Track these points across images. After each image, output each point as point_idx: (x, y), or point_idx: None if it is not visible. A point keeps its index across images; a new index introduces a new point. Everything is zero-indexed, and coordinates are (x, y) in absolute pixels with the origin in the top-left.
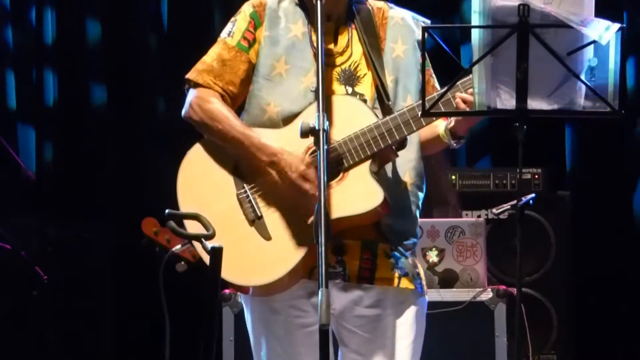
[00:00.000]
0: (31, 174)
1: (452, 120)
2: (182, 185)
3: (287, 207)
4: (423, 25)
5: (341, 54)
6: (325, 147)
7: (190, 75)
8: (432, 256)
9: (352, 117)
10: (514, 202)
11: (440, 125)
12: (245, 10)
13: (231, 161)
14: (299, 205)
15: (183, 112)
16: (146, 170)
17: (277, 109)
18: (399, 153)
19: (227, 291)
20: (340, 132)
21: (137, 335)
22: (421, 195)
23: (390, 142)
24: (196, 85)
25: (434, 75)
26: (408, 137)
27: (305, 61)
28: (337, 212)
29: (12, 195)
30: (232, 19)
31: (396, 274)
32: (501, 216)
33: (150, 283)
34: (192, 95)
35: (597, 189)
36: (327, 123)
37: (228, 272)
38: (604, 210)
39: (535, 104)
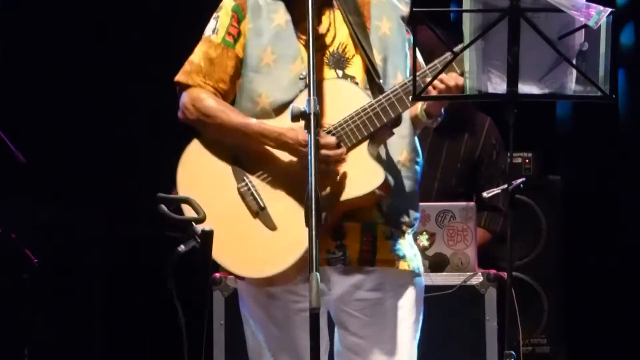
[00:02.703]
0: (21, 156)
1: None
2: (182, 183)
3: (293, 192)
4: (413, 9)
5: (325, 35)
6: (317, 130)
7: (180, 77)
8: (423, 240)
9: (346, 100)
10: (505, 186)
11: (417, 105)
12: (227, 4)
13: (229, 155)
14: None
15: (179, 114)
16: (141, 154)
17: (269, 99)
18: (395, 130)
19: (217, 275)
20: (335, 116)
21: (129, 320)
22: (418, 169)
23: (385, 120)
24: (187, 87)
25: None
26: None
27: (292, 49)
28: (338, 196)
29: (2, 177)
30: (215, 14)
31: (395, 256)
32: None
33: (141, 266)
34: (184, 97)
35: (587, 173)
36: (317, 107)
37: (236, 266)
38: (594, 194)
39: (526, 88)
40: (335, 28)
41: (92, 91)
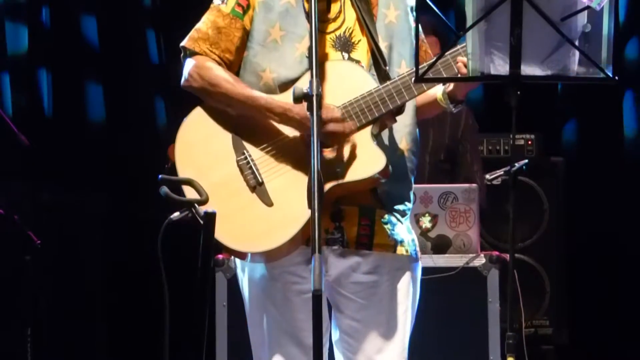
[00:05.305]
0: (24, 138)
1: (451, 85)
2: (181, 151)
3: (292, 169)
4: None
5: (334, 19)
6: (319, 112)
7: (186, 43)
8: (425, 222)
9: (351, 82)
10: (507, 168)
11: (438, 90)
12: None
13: (231, 126)
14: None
15: (182, 81)
16: (144, 136)
17: (273, 75)
18: (397, 118)
19: (220, 256)
20: (340, 97)
21: (130, 302)
22: (416, 160)
23: (391, 106)
24: (193, 53)
25: (425, 41)
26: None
27: (300, 27)
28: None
29: (6, 159)
30: None
31: (393, 241)
32: (494, 182)
33: (143, 250)
34: (190, 64)
35: (590, 154)
36: (320, 88)
37: (229, 239)
38: (596, 176)
39: (528, 69)
40: (345, 12)
41: (93, 76)
